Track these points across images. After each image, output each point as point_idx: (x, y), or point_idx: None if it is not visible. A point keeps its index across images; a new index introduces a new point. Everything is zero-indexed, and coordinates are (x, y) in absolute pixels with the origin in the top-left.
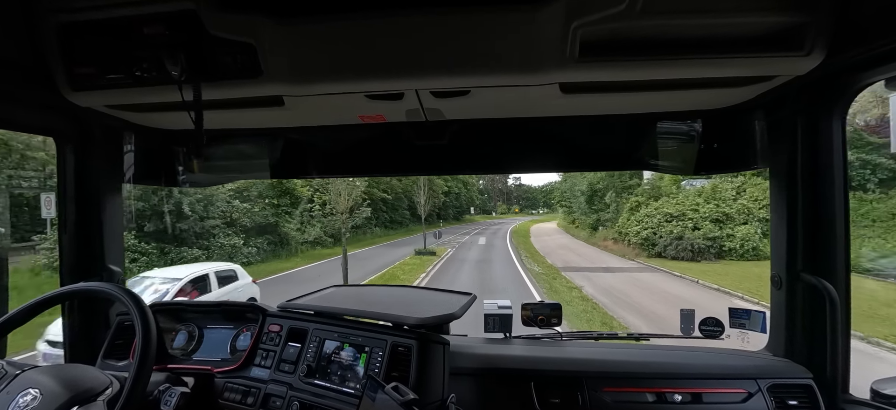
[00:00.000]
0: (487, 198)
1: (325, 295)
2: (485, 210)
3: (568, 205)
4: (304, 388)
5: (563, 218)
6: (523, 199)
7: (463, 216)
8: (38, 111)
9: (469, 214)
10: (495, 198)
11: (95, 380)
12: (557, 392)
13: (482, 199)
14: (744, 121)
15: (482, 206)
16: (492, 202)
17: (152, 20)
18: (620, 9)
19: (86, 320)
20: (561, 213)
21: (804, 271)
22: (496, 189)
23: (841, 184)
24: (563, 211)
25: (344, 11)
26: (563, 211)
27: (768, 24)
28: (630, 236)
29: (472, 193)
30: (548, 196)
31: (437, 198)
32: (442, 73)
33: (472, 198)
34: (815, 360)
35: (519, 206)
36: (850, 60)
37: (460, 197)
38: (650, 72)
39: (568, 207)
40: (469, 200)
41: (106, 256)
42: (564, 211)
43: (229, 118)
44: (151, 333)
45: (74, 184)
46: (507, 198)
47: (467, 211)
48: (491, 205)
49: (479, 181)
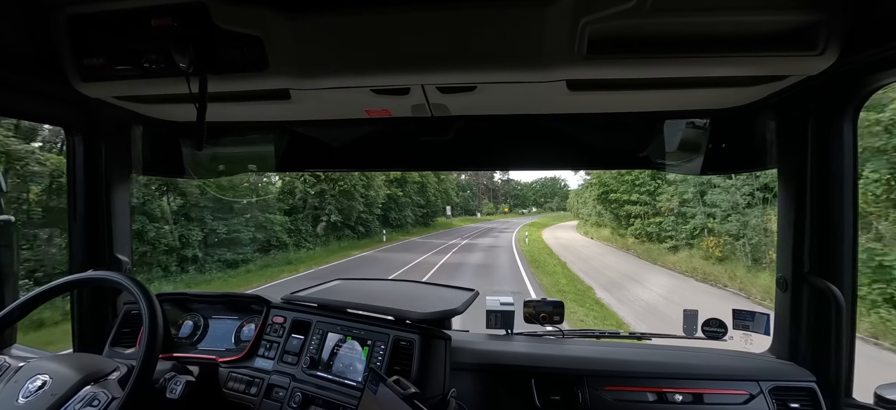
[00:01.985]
0: (471, 195)
1: (328, 289)
2: (468, 210)
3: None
4: (306, 380)
5: (587, 223)
6: (512, 197)
7: (434, 219)
8: (48, 102)
9: (445, 216)
10: (480, 196)
11: (105, 363)
12: (558, 389)
13: (464, 197)
14: (753, 121)
15: (464, 205)
16: (476, 200)
17: (161, 12)
18: (630, 6)
19: (94, 308)
20: (586, 217)
21: (811, 274)
22: (481, 185)
23: (851, 186)
24: (608, 218)
25: (351, 6)
26: (608, 217)
27: (781, 22)
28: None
29: (447, 187)
30: (538, 194)
31: (374, 195)
32: (448, 69)
33: (447, 193)
34: (819, 363)
35: (508, 205)
36: (864, 61)
37: (426, 190)
38: (659, 70)
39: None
40: (444, 197)
41: (114, 245)
42: (610, 218)
43: (236, 111)
44: (158, 321)
45: (83, 174)
46: (494, 196)
47: (442, 211)
48: (474, 203)
49: (461, 175)
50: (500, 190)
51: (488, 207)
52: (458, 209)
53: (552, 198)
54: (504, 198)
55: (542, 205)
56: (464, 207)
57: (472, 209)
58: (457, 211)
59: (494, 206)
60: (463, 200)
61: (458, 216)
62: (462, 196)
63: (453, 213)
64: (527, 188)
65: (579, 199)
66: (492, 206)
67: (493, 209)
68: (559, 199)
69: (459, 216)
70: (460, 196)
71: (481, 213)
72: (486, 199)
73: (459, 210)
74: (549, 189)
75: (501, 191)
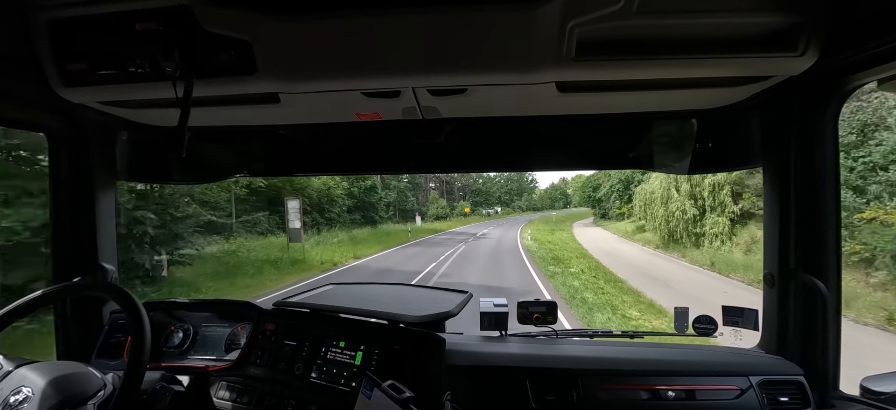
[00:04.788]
0: (410, 187)
1: (321, 294)
2: (403, 211)
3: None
4: (299, 387)
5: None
6: (472, 193)
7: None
8: (29, 108)
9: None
10: (426, 188)
11: (88, 382)
12: (553, 389)
13: (399, 190)
14: (738, 120)
15: (400, 205)
16: (417, 196)
17: (146, 16)
18: (616, 8)
19: (78, 318)
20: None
21: (797, 269)
22: (428, 177)
23: (833, 183)
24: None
25: (340, 9)
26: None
27: (762, 24)
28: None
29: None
30: (503, 190)
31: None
32: (439, 72)
33: (329, 192)
34: (807, 357)
35: (470, 205)
36: (843, 61)
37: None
38: (646, 71)
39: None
40: (328, 196)
41: (99, 254)
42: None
43: (224, 115)
44: (145, 332)
45: (67, 181)
46: (448, 192)
47: (339, 220)
48: (413, 202)
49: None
50: (456, 183)
51: (438, 206)
52: (393, 210)
53: (520, 196)
54: (462, 195)
55: (509, 203)
56: (400, 207)
57: (409, 209)
58: (388, 213)
59: (449, 207)
60: (399, 196)
61: (389, 222)
62: (396, 188)
63: (391, 217)
64: (491, 183)
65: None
66: (445, 206)
67: (447, 210)
68: (528, 196)
69: (395, 221)
70: (393, 187)
71: (422, 219)
72: (436, 194)
73: (394, 211)
74: (516, 186)
75: (458, 185)
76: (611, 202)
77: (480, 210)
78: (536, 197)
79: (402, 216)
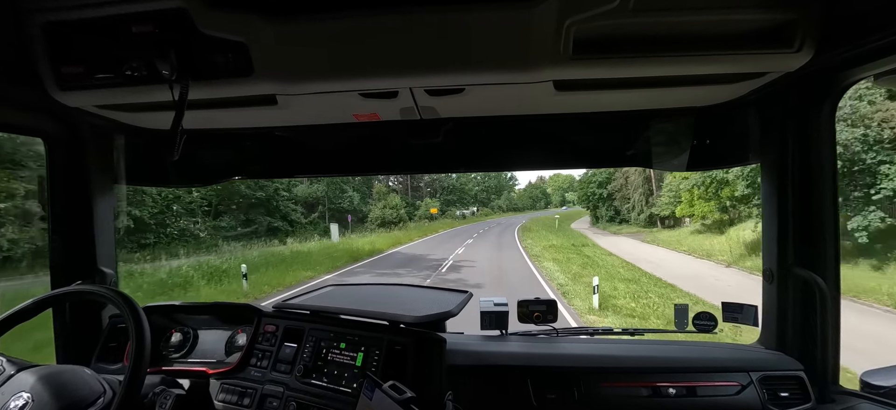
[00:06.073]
0: (359, 181)
1: (321, 295)
2: (338, 210)
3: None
4: (300, 388)
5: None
6: (445, 190)
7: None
8: (25, 112)
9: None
10: (377, 178)
11: (88, 388)
12: (554, 387)
13: (333, 188)
14: (735, 117)
15: (332, 203)
16: (369, 188)
17: (142, 19)
18: (613, 6)
19: (77, 322)
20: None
21: (795, 265)
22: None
23: (830, 178)
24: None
25: (337, 10)
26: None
27: (758, 21)
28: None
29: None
30: (481, 188)
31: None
32: (436, 72)
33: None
34: (806, 352)
35: (438, 204)
36: (839, 57)
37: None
38: (643, 69)
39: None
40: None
41: (98, 258)
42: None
43: (221, 117)
44: (145, 336)
45: (64, 186)
46: (414, 190)
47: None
48: (353, 198)
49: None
50: (424, 177)
51: (392, 206)
52: (321, 209)
53: (499, 195)
54: (430, 192)
55: (487, 203)
56: (333, 205)
57: (342, 208)
58: (310, 217)
59: (411, 206)
60: (331, 192)
61: (294, 233)
62: (332, 187)
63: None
64: (466, 179)
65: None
66: (398, 206)
67: (399, 213)
68: (507, 194)
69: (320, 226)
70: (331, 187)
71: (349, 230)
72: (384, 187)
73: (323, 211)
74: (495, 184)
75: (424, 179)
76: (637, 201)
77: (452, 211)
78: (515, 196)
79: (337, 218)
